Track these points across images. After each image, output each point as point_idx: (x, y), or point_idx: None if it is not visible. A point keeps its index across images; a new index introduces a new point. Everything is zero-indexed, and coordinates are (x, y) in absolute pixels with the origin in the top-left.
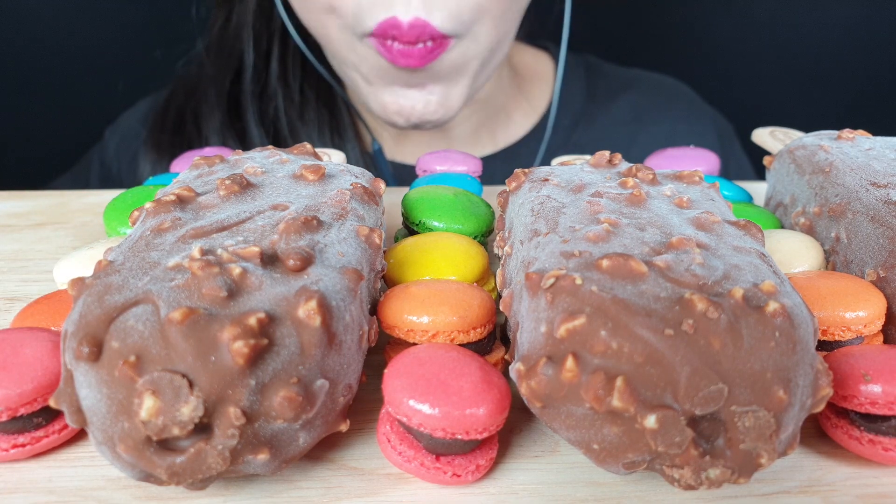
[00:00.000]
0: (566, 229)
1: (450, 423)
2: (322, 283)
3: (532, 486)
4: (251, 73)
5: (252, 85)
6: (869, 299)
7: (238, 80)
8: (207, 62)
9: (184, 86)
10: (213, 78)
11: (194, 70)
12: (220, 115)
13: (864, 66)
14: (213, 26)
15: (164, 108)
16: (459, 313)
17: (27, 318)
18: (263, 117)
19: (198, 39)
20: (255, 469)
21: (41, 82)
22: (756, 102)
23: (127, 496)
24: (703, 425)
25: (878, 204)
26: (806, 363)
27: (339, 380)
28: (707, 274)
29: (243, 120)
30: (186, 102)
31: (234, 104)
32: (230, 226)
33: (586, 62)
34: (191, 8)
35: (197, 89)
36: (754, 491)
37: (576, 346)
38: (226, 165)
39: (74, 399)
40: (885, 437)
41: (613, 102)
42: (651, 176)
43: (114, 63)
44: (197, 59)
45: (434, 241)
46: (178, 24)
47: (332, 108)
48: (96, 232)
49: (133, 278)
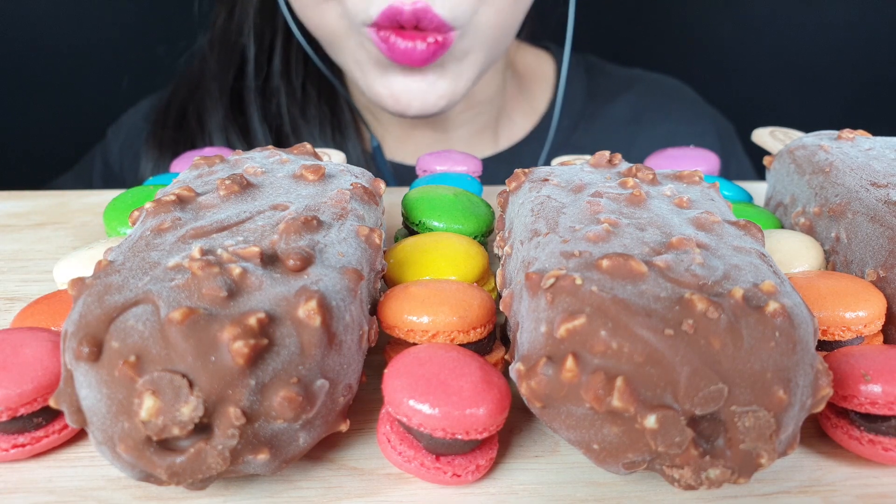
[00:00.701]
0: (566, 229)
1: (450, 423)
2: (322, 283)
3: (532, 486)
4: (253, 69)
5: (255, 81)
6: (869, 299)
7: (240, 75)
8: (210, 58)
9: (186, 82)
10: (215, 74)
11: (196, 66)
12: (222, 110)
13: (864, 66)
14: (216, 22)
15: (166, 104)
16: (459, 313)
17: (27, 318)
18: (266, 113)
19: (199, 34)
20: (255, 469)
21: (43, 81)
22: (756, 102)
23: (127, 496)
24: (703, 425)
25: (878, 204)
26: (806, 363)
27: (339, 380)
28: (707, 274)
29: (246, 116)
30: (189, 98)
31: (236, 100)
32: (230, 226)
33: (587, 62)
34: (192, 5)
35: (200, 85)
36: (754, 491)
37: (576, 346)
38: (226, 165)
39: (74, 399)
40: (885, 437)
41: (614, 102)
42: (651, 176)
43: (116, 61)
44: (199, 55)
45: (434, 241)
46: (181, 20)
47: (334, 106)
48: (96, 232)
49: (133, 278)
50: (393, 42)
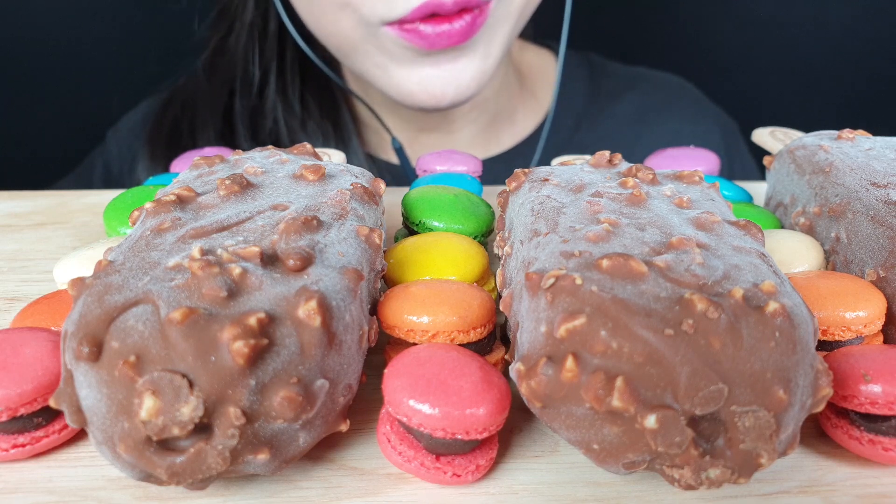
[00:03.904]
0: (566, 229)
1: (450, 423)
2: (322, 283)
3: (532, 486)
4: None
5: (250, 100)
6: (869, 299)
7: (235, 93)
8: (203, 78)
9: (181, 97)
10: (208, 93)
11: (191, 83)
12: (214, 133)
13: (864, 66)
14: (211, 40)
15: (159, 118)
16: (459, 313)
17: (27, 318)
18: (258, 133)
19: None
20: (255, 469)
21: (42, 83)
22: (756, 102)
23: (127, 496)
24: (703, 425)
25: (878, 204)
26: (806, 363)
27: (339, 380)
28: (707, 274)
29: (236, 136)
30: (183, 115)
31: (229, 120)
32: (230, 226)
33: (590, 61)
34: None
35: (194, 103)
36: (754, 491)
37: (576, 346)
38: (226, 165)
39: (74, 399)
40: (885, 437)
41: (617, 101)
42: (651, 176)
43: (115, 63)
44: (194, 72)
45: (434, 241)
46: (180, 22)
47: (336, 118)
48: (96, 232)
49: (133, 278)
50: (423, 31)
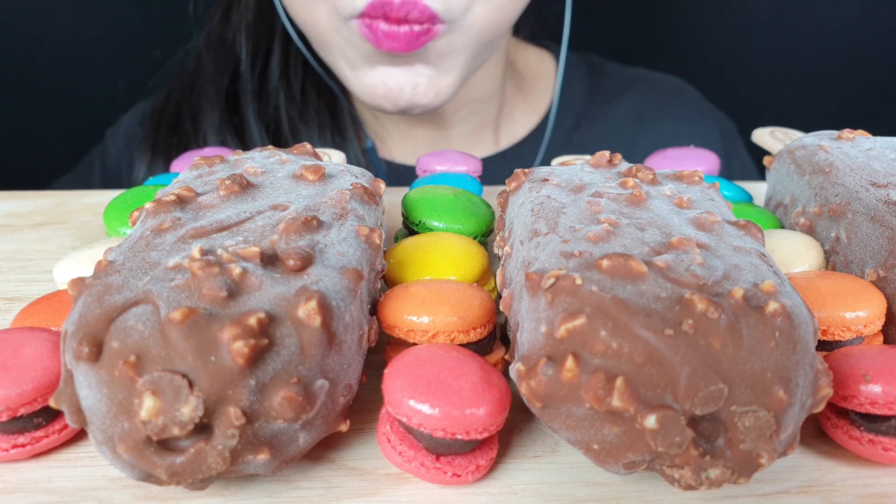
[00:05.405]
0: (566, 229)
1: (450, 423)
2: (322, 283)
3: (532, 486)
4: (251, 72)
5: (252, 83)
6: (869, 299)
7: (237, 77)
8: (206, 59)
9: (181, 83)
10: (211, 75)
11: (192, 67)
12: (218, 113)
13: (864, 66)
14: (211, 22)
15: (161, 106)
16: (459, 313)
17: (27, 318)
18: (263, 116)
19: (193, 34)
20: (255, 469)
21: (41, 82)
22: (756, 102)
23: (127, 496)
24: (703, 425)
25: (878, 204)
26: (806, 363)
27: (339, 380)
28: (707, 274)
29: (242, 118)
30: (184, 100)
31: (232, 103)
32: (230, 226)
33: (588, 61)
34: (188, 6)
35: (195, 87)
36: (754, 491)
37: (576, 346)
38: (226, 165)
39: (74, 399)
40: (885, 437)
41: (616, 102)
42: (651, 176)
43: (114, 63)
44: (194, 55)
45: (434, 241)
46: (179, 22)
47: (334, 108)
48: (96, 232)
49: (133, 278)
50: (377, 27)
